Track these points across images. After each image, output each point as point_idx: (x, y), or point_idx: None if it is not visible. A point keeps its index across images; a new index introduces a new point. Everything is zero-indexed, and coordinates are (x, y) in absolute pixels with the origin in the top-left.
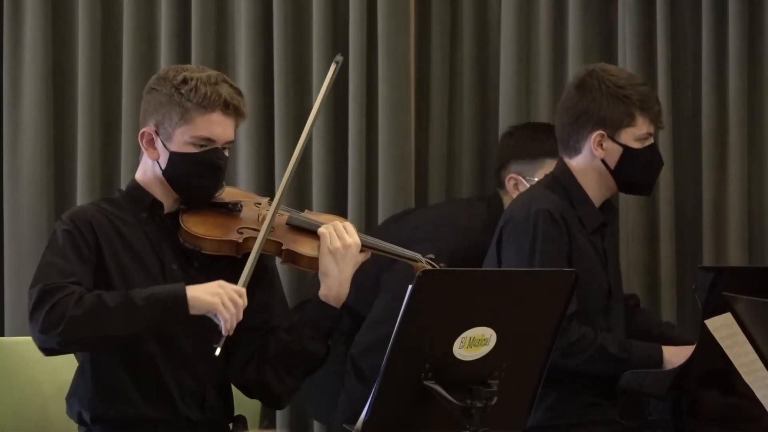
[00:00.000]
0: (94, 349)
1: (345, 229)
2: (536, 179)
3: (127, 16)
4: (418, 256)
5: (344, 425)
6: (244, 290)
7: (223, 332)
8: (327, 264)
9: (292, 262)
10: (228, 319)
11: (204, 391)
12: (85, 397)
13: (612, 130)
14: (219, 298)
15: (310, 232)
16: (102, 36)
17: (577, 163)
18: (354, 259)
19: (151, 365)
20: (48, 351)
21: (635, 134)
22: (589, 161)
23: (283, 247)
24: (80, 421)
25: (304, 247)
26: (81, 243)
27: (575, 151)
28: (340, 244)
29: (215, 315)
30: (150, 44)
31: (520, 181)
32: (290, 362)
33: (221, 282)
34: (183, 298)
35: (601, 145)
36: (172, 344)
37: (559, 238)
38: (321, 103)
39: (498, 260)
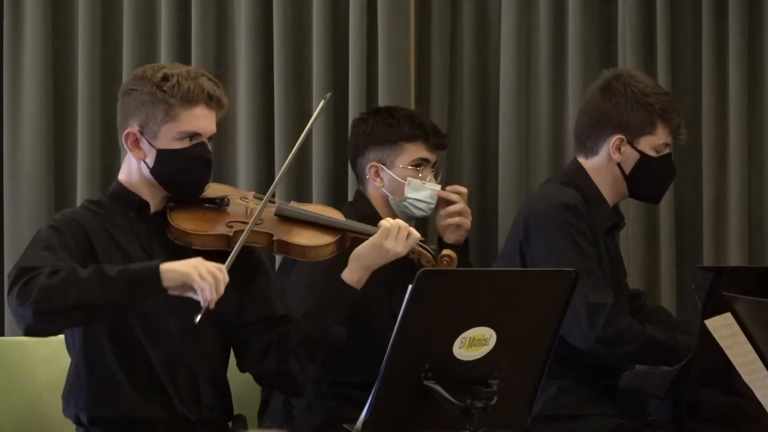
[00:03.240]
0: (69, 321)
1: (408, 233)
2: (400, 166)
3: (127, 16)
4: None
5: (344, 425)
6: (224, 267)
7: (202, 303)
8: (368, 251)
9: (285, 253)
10: (205, 288)
11: (198, 386)
12: (81, 397)
13: (632, 136)
14: (194, 269)
15: (301, 222)
16: (102, 36)
17: (592, 164)
18: (389, 260)
19: (144, 362)
20: (27, 328)
21: (654, 143)
22: (604, 164)
23: (275, 238)
24: (77, 422)
25: (297, 236)
26: (69, 239)
27: (592, 152)
28: (391, 246)
29: (191, 287)
30: (150, 44)
31: (382, 168)
32: (314, 349)
33: (199, 258)
34: (155, 270)
35: (620, 149)
36: (163, 339)
37: (587, 230)
38: (306, 133)
39: (521, 256)
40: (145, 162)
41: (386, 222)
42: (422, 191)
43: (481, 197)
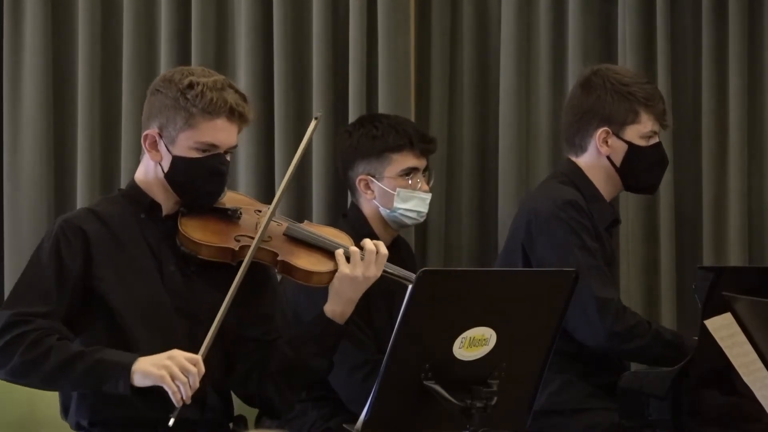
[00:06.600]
0: (39, 388)
1: (376, 257)
2: (389, 177)
3: (127, 16)
4: None
5: (344, 425)
6: (199, 358)
7: (175, 403)
8: (342, 285)
9: (287, 274)
10: (177, 392)
11: (205, 393)
12: (82, 399)
13: (617, 127)
14: (166, 371)
15: (308, 245)
16: (102, 36)
17: (584, 161)
18: (368, 287)
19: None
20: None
21: (640, 131)
22: (595, 159)
23: (279, 258)
24: (78, 427)
25: (301, 260)
26: (66, 255)
27: (581, 149)
28: (361, 272)
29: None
30: (150, 44)
31: (371, 181)
32: (293, 378)
33: (173, 352)
34: (127, 371)
35: (606, 142)
36: (169, 344)
37: (590, 227)
38: (299, 158)
39: (524, 257)
40: (160, 165)
41: (352, 248)
42: (411, 201)
43: (481, 197)
